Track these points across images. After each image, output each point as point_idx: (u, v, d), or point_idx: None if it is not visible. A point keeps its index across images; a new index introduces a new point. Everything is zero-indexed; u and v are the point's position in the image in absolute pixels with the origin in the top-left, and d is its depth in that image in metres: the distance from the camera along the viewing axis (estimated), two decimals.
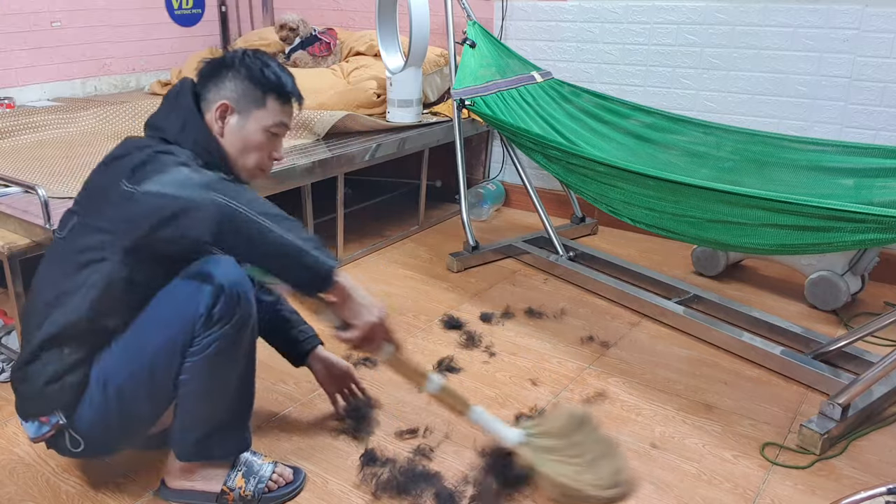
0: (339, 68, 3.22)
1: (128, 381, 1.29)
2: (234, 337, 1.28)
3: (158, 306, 1.28)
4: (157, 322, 1.28)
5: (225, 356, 1.28)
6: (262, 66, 1.36)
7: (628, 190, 2.06)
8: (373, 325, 1.29)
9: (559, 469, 1.41)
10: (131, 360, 1.29)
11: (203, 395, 1.31)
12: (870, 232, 1.56)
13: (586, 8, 3.02)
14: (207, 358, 1.26)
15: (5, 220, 1.82)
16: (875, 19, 2.48)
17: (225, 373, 1.31)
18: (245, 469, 1.44)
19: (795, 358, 1.96)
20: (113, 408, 1.30)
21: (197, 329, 1.24)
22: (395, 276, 2.62)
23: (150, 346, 1.28)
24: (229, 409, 1.38)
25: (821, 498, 1.51)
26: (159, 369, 1.28)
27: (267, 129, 1.39)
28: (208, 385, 1.31)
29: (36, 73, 3.20)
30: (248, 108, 1.37)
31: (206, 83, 1.38)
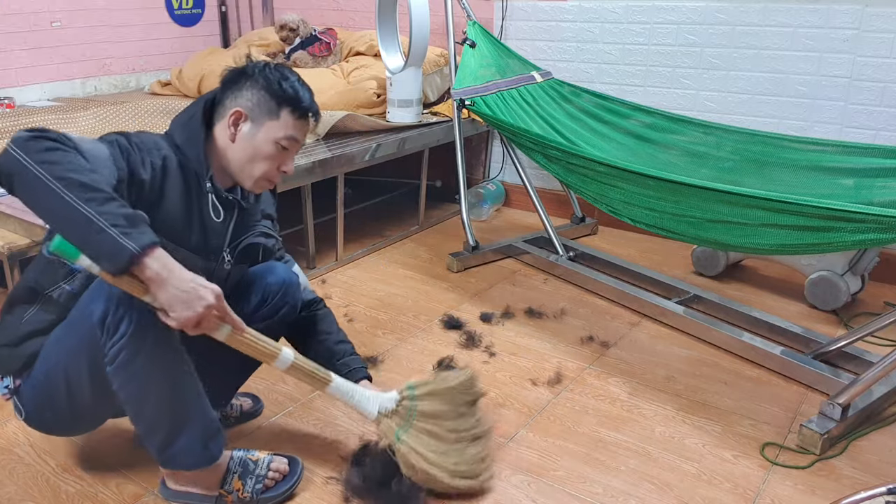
0: (339, 68, 3.22)
1: (52, 372, 1.31)
2: (138, 345, 1.23)
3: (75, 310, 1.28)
4: (71, 325, 1.28)
5: (137, 364, 1.24)
6: (280, 79, 1.37)
7: (628, 190, 2.06)
8: (188, 319, 1.17)
9: (421, 447, 1.43)
10: (56, 353, 1.30)
11: (134, 403, 1.29)
12: (870, 232, 1.56)
13: (586, 8, 3.02)
14: (120, 367, 1.24)
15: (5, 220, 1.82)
16: (875, 19, 2.48)
17: (147, 382, 1.26)
18: (241, 470, 1.43)
19: (795, 358, 1.96)
20: (41, 392, 1.33)
21: (100, 338, 1.23)
22: (395, 276, 2.62)
23: (66, 343, 1.29)
24: (174, 417, 1.32)
25: (821, 498, 1.51)
26: (74, 369, 1.29)
27: (277, 142, 1.38)
28: (135, 394, 1.28)
29: (36, 73, 3.20)
30: (262, 118, 1.37)
31: (226, 90, 1.40)
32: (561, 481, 1.55)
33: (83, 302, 1.26)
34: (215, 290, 1.20)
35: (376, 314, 2.32)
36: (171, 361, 1.29)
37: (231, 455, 1.45)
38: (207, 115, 1.40)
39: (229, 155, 1.39)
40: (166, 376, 1.29)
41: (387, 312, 2.33)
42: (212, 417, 1.37)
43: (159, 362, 1.27)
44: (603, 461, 1.62)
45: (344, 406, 1.78)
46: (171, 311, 1.16)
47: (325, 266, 2.67)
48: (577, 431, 1.72)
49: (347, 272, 2.66)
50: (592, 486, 1.54)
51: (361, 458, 1.56)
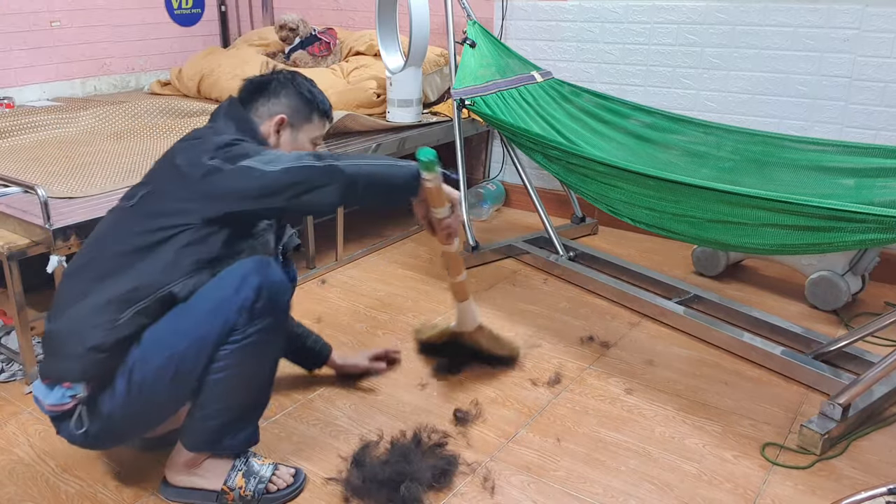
0: (338, 68, 3.22)
1: (153, 374, 1.29)
2: (271, 332, 1.35)
3: (199, 301, 1.31)
4: (195, 315, 1.30)
5: (259, 350, 1.34)
6: (310, 87, 1.55)
7: (628, 190, 2.06)
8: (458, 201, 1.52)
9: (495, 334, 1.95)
10: (161, 351, 1.29)
11: (231, 384, 1.34)
12: (870, 232, 1.56)
13: (586, 8, 3.02)
14: (244, 349, 1.31)
15: (5, 220, 1.82)
16: (875, 19, 2.48)
17: (256, 365, 1.37)
18: (245, 469, 1.45)
19: (796, 358, 1.96)
20: (132, 399, 1.30)
21: (239, 322, 1.30)
22: (395, 276, 2.62)
23: (183, 340, 1.29)
24: (249, 402, 1.42)
25: (821, 498, 1.51)
26: (187, 364, 1.30)
27: (313, 141, 1.56)
28: (239, 375, 1.34)
29: (35, 72, 3.20)
30: (300, 123, 1.53)
31: (256, 98, 1.51)
32: (561, 481, 1.55)
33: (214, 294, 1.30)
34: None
35: (376, 314, 2.32)
36: (278, 352, 1.44)
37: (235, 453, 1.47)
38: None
39: None
40: (268, 364, 1.42)
41: (387, 312, 2.33)
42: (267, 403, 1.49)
43: (272, 350, 1.41)
44: (603, 461, 1.62)
45: (344, 406, 1.79)
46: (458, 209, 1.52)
47: (325, 266, 2.67)
48: (577, 431, 1.72)
49: (347, 272, 2.66)
50: (592, 487, 1.53)
51: (361, 458, 1.56)
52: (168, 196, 1.34)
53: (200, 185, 1.31)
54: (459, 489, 1.51)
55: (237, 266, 1.33)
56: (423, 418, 1.74)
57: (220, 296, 1.30)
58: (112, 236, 1.36)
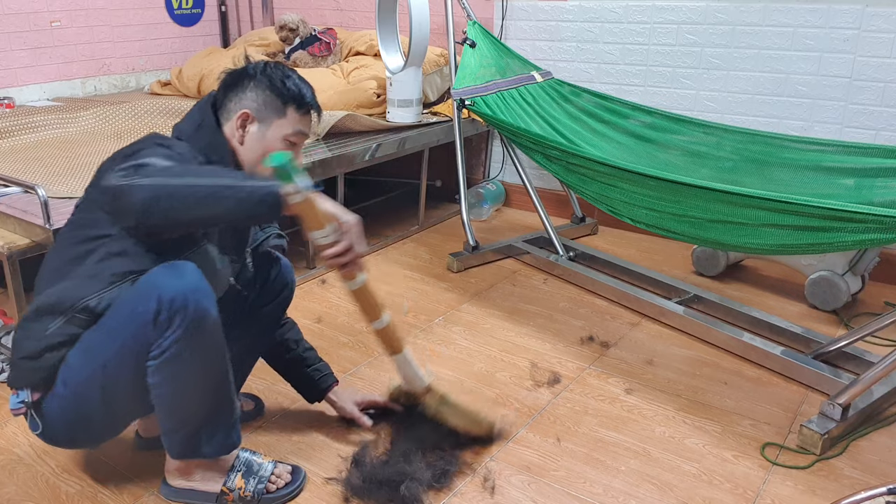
0: (338, 68, 3.22)
1: (84, 384, 1.29)
2: (190, 341, 1.25)
3: (113, 312, 1.27)
4: (111, 328, 1.27)
5: (184, 361, 1.26)
6: (282, 77, 1.39)
7: (628, 190, 2.06)
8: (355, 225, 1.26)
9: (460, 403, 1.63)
10: (89, 362, 1.28)
11: (174, 397, 1.30)
12: (870, 232, 1.56)
13: (586, 8, 3.02)
14: (167, 362, 1.25)
15: (5, 220, 1.82)
16: (875, 19, 2.48)
17: (190, 375, 1.29)
18: (245, 469, 1.45)
19: (796, 358, 1.96)
20: (71, 406, 1.31)
21: (149, 335, 1.24)
22: (395, 276, 2.62)
23: (105, 350, 1.27)
24: (208, 408, 1.36)
25: (821, 498, 1.51)
26: (111, 377, 1.28)
27: (286, 138, 1.40)
28: (176, 388, 1.29)
29: (36, 72, 3.20)
30: (269, 118, 1.39)
31: (228, 92, 1.41)
32: (561, 481, 1.55)
33: (125, 305, 1.25)
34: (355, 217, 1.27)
35: None
36: (217, 355, 1.33)
37: (237, 454, 1.46)
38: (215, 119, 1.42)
39: (240, 157, 1.41)
40: (210, 369, 1.32)
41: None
42: (237, 406, 1.42)
43: (207, 356, 1.30)
44: (603, 461, 1.62)
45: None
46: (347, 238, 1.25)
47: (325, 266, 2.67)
48: (577, 431, 1.72)
49: None
50: (592, 487, 1.53)
51: (361, 458, 1.56)
52: (87, 207, 1.31)
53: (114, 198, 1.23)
54: (459, 489, 1.51)
55: (148, 275, 1.25)
56: None
57: (127, 309, 1.25)
58: (54, 248, 1.36)
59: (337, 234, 1.26)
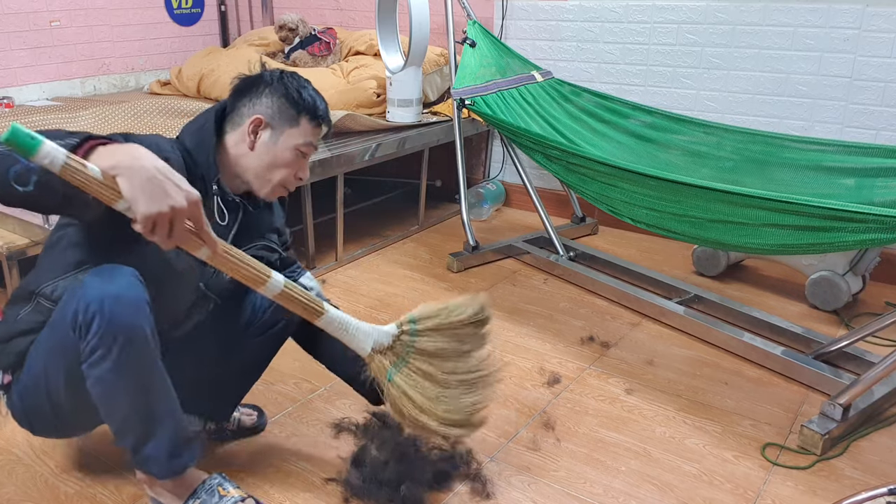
0: (338, 68, 3.21)
1: (35, 375, 1.30)
2: (109, 343, 1.18)
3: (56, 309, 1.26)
4: (51, 324, 1.27)
5: (107, 368, 1.20)
6: (298, 87, 1.39)
7: (629, 190, 2.05)
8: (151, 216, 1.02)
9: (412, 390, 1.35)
10: (40, 355, 1.29)
11: (104, 403, 1.25)
12: (871, 232, 1.56)
13: (587, 7, 3.01)
14: (91, 366, 1.21)
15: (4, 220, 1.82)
16: (876, 19, 2.48)
17: (115, 384, 1.22)
18: (205, 498, 1.34)
19: (796, 358, 1.96)
20: (29, 394, 1.31)
21: (76, 338, 1.20)
22: (395, 276, 2.62)
23: (47, 345, 1.28)
24: (143, 423, 1.27)
25: (822, 498, 1.51)
26: (51, 374, 1.27)
27: (297, 148, 1.39)
28: (106, 394, 1.24)
29: (35, 72, 3.20)
30: (282, 126, 1.37)
31: (242, 97, 1.39)
32: (561, 481, 1.55)
33: (61, 304, 1.25)
34: (191, 194, 1.06)
35: (376, 314, 2.32)
36: (142, 363, 1.23)
37: (205, 479, 1.37)
38: (219, 123, 1.40)
39: (245, 163, 1.39)
40: (136, 378, 1.23)
41: (387, 312, 2.33)
42: (182, 426, 1.31)
43: (130, 363, 1.21)
44: (603, 461, 1.61)
45: (344, 406, 1.79)
46: (134, 203, 1.01)
47: (325, 266, 2.67)
48: (577, 431, 1.72)
49: (347, 272, 2.66)
50: (593, 487, 1.53)
51: (361, 458, 1.56)
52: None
53: None
54: (459, 489, 1.51)
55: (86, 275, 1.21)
56: None
57: (61, 308, 1.24)
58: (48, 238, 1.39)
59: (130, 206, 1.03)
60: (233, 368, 1.56)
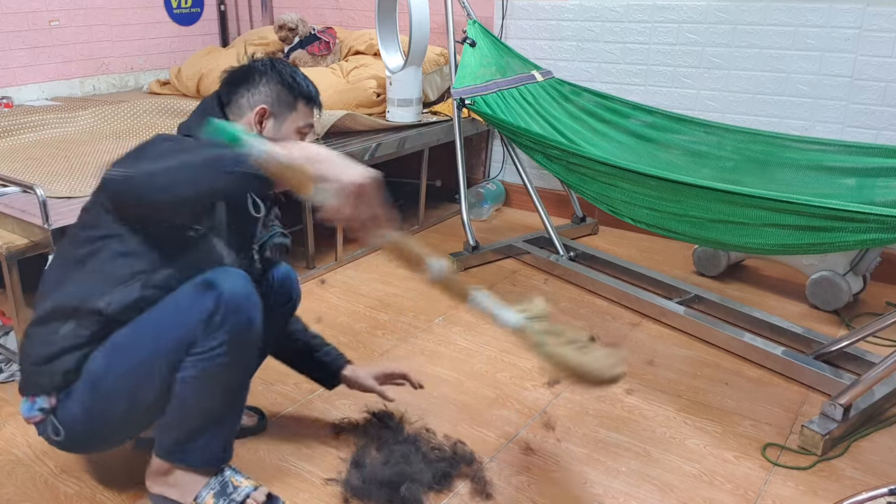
0: (338, 67, 3.21)
1: (115, 383, 1.28)
2: (234, 347, 1.28)
3: (159, 312, 1.28)
4: (155, 327, 1.27)
5: (221, 363, 1.28)
6: (292, 73, 1.44)
7: (629, 189, 2.05)
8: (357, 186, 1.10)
9: (561, 351, 1.39)
10: (121, 362, 1.27)
11: (194, 397, 1.30)
12: (871, 232, 1.56)
13: (587, 7, 3.01)
14: (205, 360, 1.26)
15: (4, 220, 1.81)
16: (876, 18, 2.47)
17: (218, 381, 1.30)
18: (219, 489, 1.40)
19: (797, 358, 1.95)
20: (98, 407, 1.29)
21: (198, 334, 1.25)
22: (395, 276, 2.62)
23: (144, 349, 1.27)
24: (214, 418, 1.36)
25: (822, 499, 1.51)
26: (145, 376, 1.27)
27: (299, 131, 1.45)
28: (201, 389, 1.29)
29: (34, 72, 3.20)
30: (283, 112, 1.42)
31: (236, 89, 1.42)
32: (561, 481, 1.54)
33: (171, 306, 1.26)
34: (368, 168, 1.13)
35: (376, 314, 2.31)
36: (247, 367, 1.37)
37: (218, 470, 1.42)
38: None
39: None
40: (236, 379, 1.35)
41: (387, 312, 2.33)
42: (240, 423, 1.44)
43: (239, 365, 1.33)
44: (603, 462, 1.61)
45: (344, 406, 1.78)
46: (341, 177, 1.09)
47: (325, 266, 2.66)
48: (577, 432, 1.72)
49: (347, 272, 2.65)
50: (593, 487, 1.53)
51: (361, 458, 1.56)
52: (90, 205, 1.31)
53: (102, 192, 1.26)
54: (459, 490, 1.51)
55: (196, 279, 1.27)
56: (425, 419, 1.74)
57: (179, 308, 1.26)
58: (59, 251, 1.37)
59: (337, 196, 1.10)
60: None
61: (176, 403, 1.31)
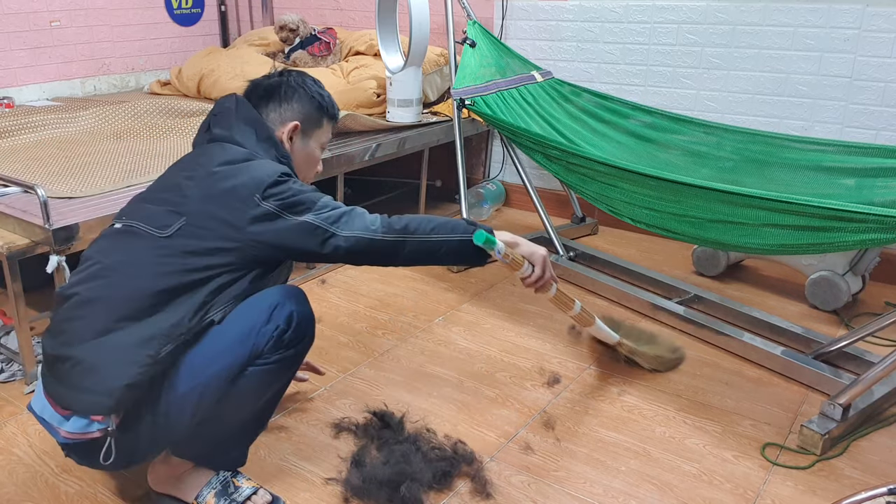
0: (338, 68, 3.21)
1: (178, 401, 1.26)
2: (292, 361, 1.37)
3: (229, 330, 1.29)
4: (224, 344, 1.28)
5: (274, 375, 1.35)
6: (319, 91, 1.53)
7: (629, 190, 2.06)
8: (543, 258, 1.53)
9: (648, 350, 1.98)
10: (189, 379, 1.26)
11: (237, 402, 1.34)
12: (871, 232, 1.56)
13: (587, 7, 3.01)
14: (262, 373, 1.32)
15: (4, 220, 1.81)
16: (876, 19, 2.48)
17: (265, 390, 1.37)
18: (220, 488, 1.42)
19: (796, 358, 1.96)
20: (158, 427, 1.27)
21: (266, 349, 1.30)
22: (395, 276, 2.62)
23: (211, 367, 1.27)
24: (248, 424, 1.42)
25: (821, 498, 1.51)
26: (210, 390, 1.27)
27: (322, 146, 1.57)
28: (247, 396, 1.34)
29: (35, 72, 3.20)
30: (311, 129, 1.52)
31: (267, 103, 1.48)
32: (561, 481, 1.55)
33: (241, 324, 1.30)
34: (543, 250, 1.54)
35: (376, 314, 2.32)
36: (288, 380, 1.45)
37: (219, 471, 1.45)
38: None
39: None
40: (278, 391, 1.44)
41: (387, 312, 2.33)
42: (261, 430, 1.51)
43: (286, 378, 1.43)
44: (603, 461, 1.61)
45: (344, 406, 1.79)
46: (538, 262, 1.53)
47: (325, 266, 2.67)
48: (577, 431, 1.72)
49: (347, 272, 2.66)
50: (592, 487, 1.53)
51: (361, 458, 1.56)
52: (208, 234, 1.28)
53: (250, 229, 1.28)
54: (459, 489, 1.51)
55: (266, 294, 1.34)
56: (425, 418, 1.74)
57: (250, 325, 1.30)
58: (143, 269, 1.27)
59: (530, 268, 1.53)
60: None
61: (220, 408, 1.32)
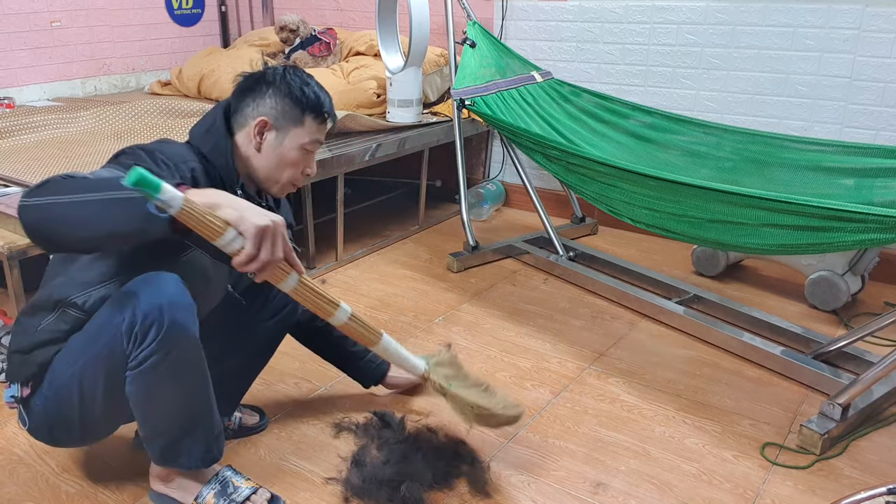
0: (338, 68, 3.22)
1: (65, 386, 1.28)
2: (166, 354, 1.23)
3: (95, 319, 1.27)
4: (90, 334, 1.27)
5: (161, 372, 1.24)
6: (301, 85, 1.38)
7: (628, 190, 2.06)
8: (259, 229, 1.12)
9: (466, 393, 1.55)
10: (70, 365, 1.28)
11: (150, 408, 1.30)
12: (870, 232, 1.56)
13: (586, 8, 3.02)
14: (143, 373, 1.24)
15: (5, 220, 1.82)
16: (875, 19, 2.48)
17: (166, 387, 1.27)
18: (219, 488, 1.41)
19: (796, 358, 1.96)
20: (52, 406, 1.31)
21: (126, 347, 1.22)
22: (395, 276, 2.62)
23: (84, 355, 1.27)
24: (186, 421, 1.34)
25: (821, 498, 1.51)
26: (87, 382, 1.27)
27: (303, 147, 1.40)
28: (152, 399, 1.28)
29: (36, 72, 3.20)
30: (287, 126, 1.38)
31: (245, 97, 1.39)
32: (561, 481, 1.55)
33: (104, 313, 1.25)
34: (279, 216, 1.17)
35: (376, 314, 2.32)
36: (193, 370, 1.30)
37: (218, 470, 1.43)
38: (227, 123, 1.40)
39: (255, 163, 1.40)
40: (186, 384, 1.30)
41: (387, 312, 2.33)
42: (217, 421, 1.39)
43: (183, 366, 1.27)
44: (603, 461, 1.62)
45: (344, 406, 1.79)
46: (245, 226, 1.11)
47: (325, 266, 2.67)
48: (577, 431, 1.72)
49: (347, 272, 2.66)
50: (592, 487, 1.53)
51: (361, 458, 1.56)
52: None
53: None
54: (459, 489, 1.51)
55: (127, 285, 1.23)
56: (425, 418, 1.74)
57: (105, 318, 1.24)
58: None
59: (240, 241, 1.13)
60: (239, 360, 1.59)
61: (140, 418, 1.32)
